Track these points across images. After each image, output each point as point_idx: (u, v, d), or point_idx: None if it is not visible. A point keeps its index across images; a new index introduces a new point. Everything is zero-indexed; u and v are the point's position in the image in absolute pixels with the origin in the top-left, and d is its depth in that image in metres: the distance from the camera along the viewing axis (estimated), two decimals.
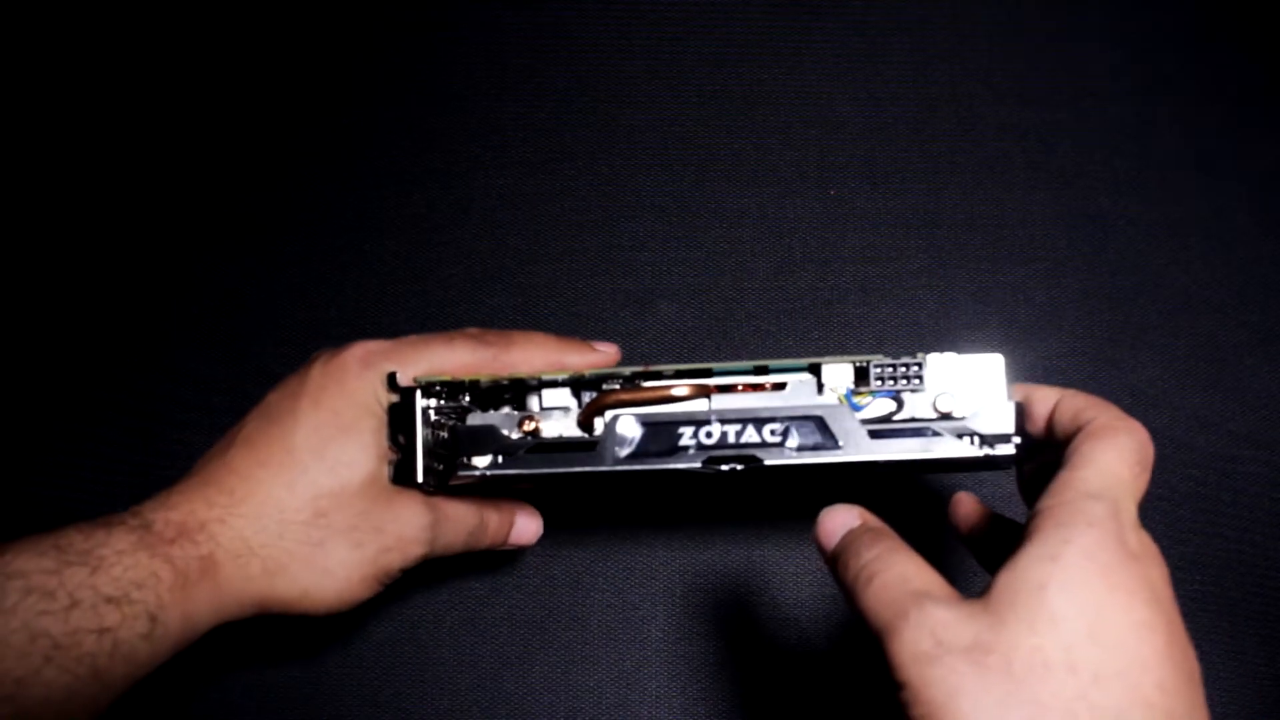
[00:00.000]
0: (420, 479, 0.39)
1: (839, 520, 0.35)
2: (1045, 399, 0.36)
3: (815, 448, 0.37)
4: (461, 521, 0.42)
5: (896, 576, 0.31)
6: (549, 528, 0.55)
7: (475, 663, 0.54)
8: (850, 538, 0.34)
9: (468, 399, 0.41)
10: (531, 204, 0.60)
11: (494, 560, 0.56)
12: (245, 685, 0.55)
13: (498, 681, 0.54)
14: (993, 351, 0.37)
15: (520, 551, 0.55)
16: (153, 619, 0.35)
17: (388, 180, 0.61)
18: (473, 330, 0.42)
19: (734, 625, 0.54)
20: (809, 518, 0.56)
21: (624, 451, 0.37)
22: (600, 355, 0.44)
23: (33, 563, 0.34)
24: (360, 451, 0.39)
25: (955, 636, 0.28)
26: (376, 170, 0.61)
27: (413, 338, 0.41)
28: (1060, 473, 0.32)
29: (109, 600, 0.34)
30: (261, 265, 0.60)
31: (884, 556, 0.32)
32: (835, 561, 0.34)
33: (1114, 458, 0.31)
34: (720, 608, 0.55)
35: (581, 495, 0.55)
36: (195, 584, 0.36)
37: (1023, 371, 0.56)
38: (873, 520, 0.35)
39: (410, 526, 0.40)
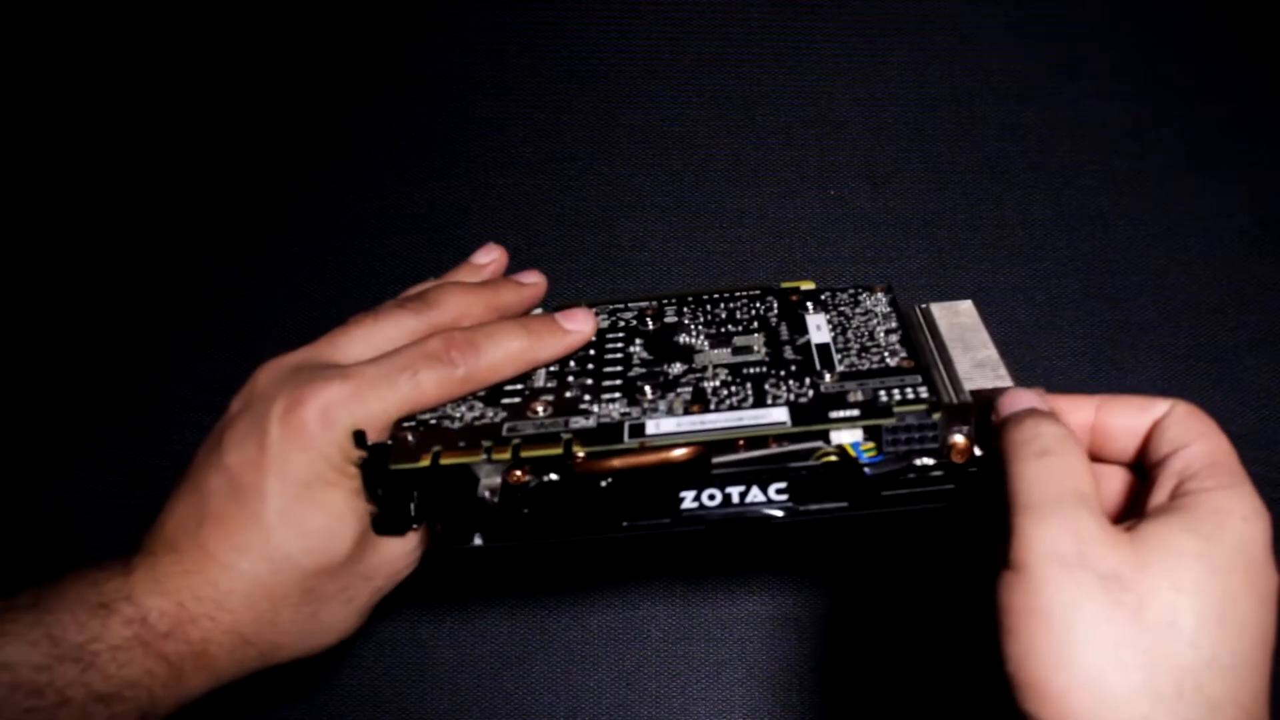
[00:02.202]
0: (405, 527, 0.37)
1: (1029, 399, 0.34)
2: (1081, 408, 0.35)
3: (821, 504, 0.35)
4: None
5: (1069, 466, 0.30)
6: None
7: (475, 663, 0.54)
8: (1035, 413, 0.33)
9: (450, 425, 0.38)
10: (531, 204, 0.60)
11: (494, 560, 0.55)
12: (245, 685, 0.55)
13: (498, 681, 0.54)
14: (1004, 385, 0.35)
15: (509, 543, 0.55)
16: (144, 716, 0.34)
17: (388, 180, 0.61)
18: (434, 346, 0.38)
19: (734, 625, 0.54)
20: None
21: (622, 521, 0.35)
22: (574, 336, 0.40)
23: (23, 654, 0.32)
24: (339, 520, 0.36)
25: (1099, 558, 0.28)
26: (376, 170, 0.61)
27: (371, 372, 0.37)
28: (1214, 460, 0.31)
29: (99, 699, 0.33)
30: (261, 265, 0.60)
31: (1066, 441, 0.31)
32: (1008, 422, 0.33)
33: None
34: (720, 607, 0.55)
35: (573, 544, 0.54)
36: (190, 676, 0.35)
37: (1023, 373, 0.56)
38: (1059, 416, 0.34)
39: (398, 561, 0.39)
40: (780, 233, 0.60)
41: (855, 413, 0.35)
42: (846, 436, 0.36)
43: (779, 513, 0.35)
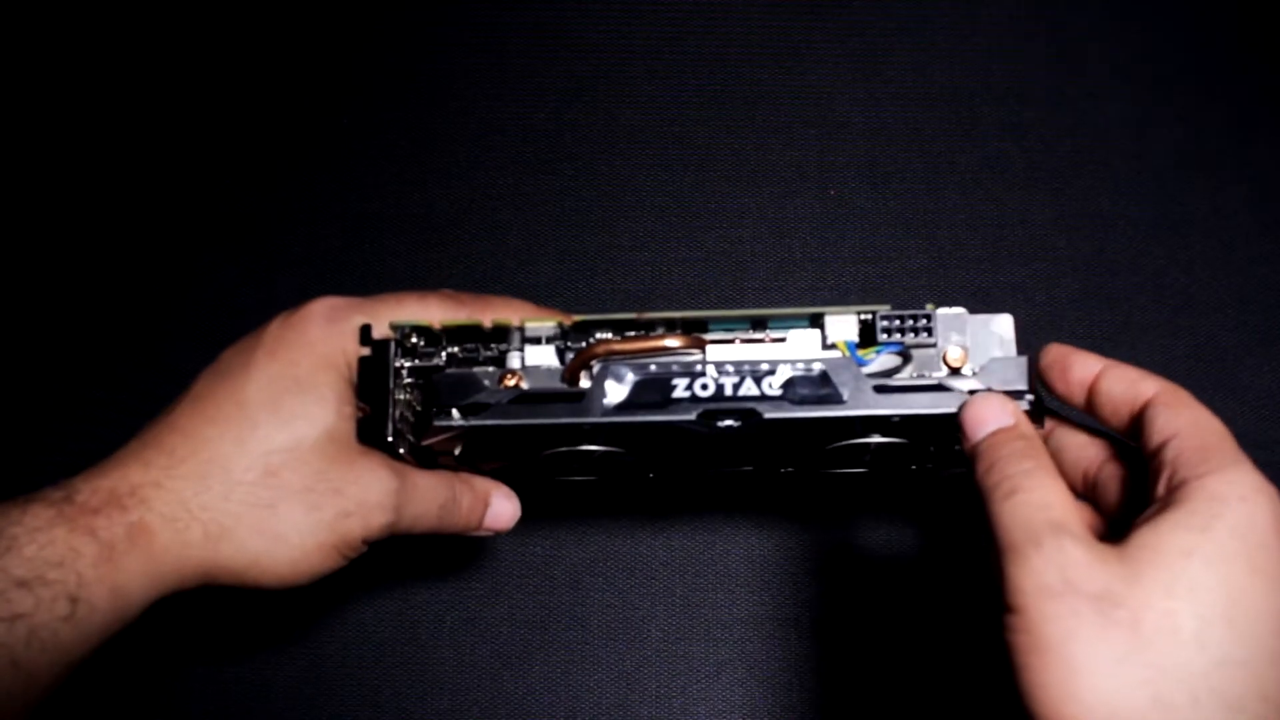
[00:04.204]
0: (390, 437, 0.36)
1: (992, 412, 0.33)
2: (1088, 367, 0.35)
3: (817, 402, 0.35)
4: (431, 493, 0.39)
5: (1039, 500, 0.30)
6: (549, 527, 0.56)
7: (475, 663, 0.54)
8: (1000, 440, 0.32)
9: (444, 357, 0.38)
10: (531, 204, 0.60)
11: (494, 560, 0.56)
12: (245, 686, 0.55)
13: (498, 681, 0.54)
14: (1003, 312, 0.37)
15: (509, 543, 0.55)
16: (73, 600, 0.32)
17: (388, 180, 0.61)
18: (447, 290, 0.40)
19: (734, 625, 0.54)
20: (809, 517, 0.56)
21: (613, 403, 0.35)
22: None
23: None
24: (318, 405, 0.36)
25: (1085, 580, 0.28)
26: (376, 170, 0.61)
27: (383, 295, 0.39)
28: (1203, 444, 0.30)
29: (20, 584, 0.31)
30: (261, 265, 0.60)
31: (1032, 474, 0.31)
32: (976, 456, 0.33)
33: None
34: (720, 607, 0.55)
35: (565, 468, 0.54)
36: (123, 555, 0.33)
37: None
38: (1025, 425, 0.33)
39: (373, 490, 0.36)
40: (780, 233, 0.60)
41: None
42: (842, 330, 0.37)
43: (773, 395, 0.35)
